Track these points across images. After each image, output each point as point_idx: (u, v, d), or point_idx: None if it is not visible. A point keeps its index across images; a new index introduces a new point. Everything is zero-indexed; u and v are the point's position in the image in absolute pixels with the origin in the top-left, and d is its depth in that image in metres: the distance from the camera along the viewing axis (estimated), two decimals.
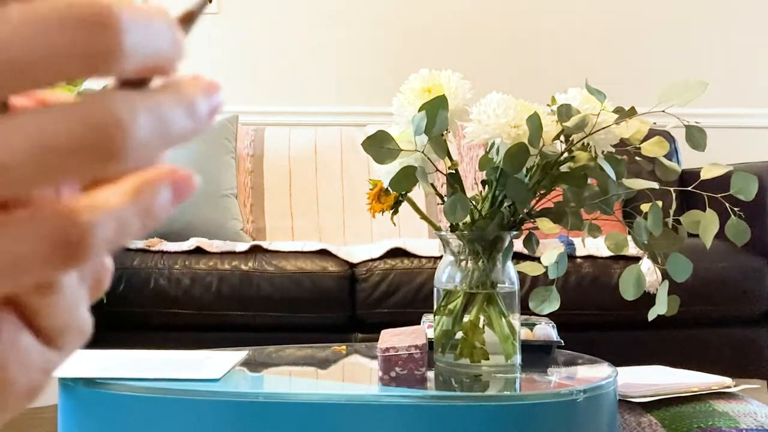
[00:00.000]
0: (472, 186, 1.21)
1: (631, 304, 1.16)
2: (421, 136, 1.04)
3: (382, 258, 2.06)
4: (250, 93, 2.91)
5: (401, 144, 1.06)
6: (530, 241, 1.16)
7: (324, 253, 2.08)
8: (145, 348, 1.29)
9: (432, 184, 1.10)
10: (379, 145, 1.05)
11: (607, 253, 2.01)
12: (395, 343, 1.09)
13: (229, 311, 1.98)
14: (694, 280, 1.11)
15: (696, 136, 1.07)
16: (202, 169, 2.22)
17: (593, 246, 2.04)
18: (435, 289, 1.17)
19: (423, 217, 1.23)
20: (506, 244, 1.12)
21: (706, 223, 1.06)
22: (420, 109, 1.03)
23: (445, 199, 1.13)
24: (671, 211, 1.06)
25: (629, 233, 1.11)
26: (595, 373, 1.16)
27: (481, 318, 1.11)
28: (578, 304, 1.97)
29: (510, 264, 1.15)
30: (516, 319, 1.13)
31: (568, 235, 2.04)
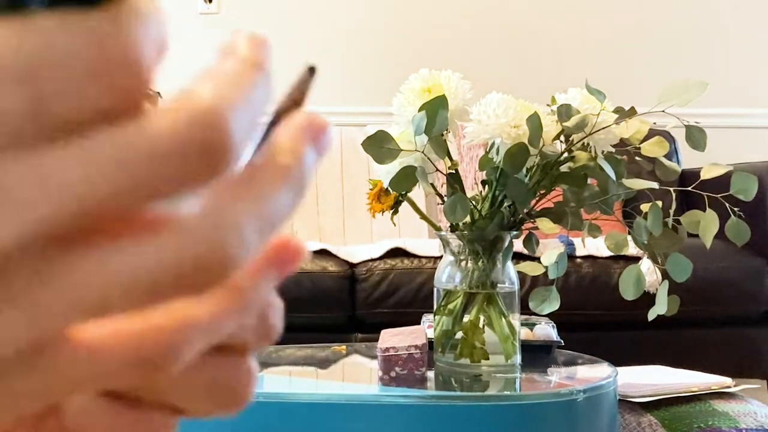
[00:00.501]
0: (472, 186, 1.21)
1: (631, 304, 1.16)
2: (421, 136, 1.04)
3: (382, 258, 2.06)
4: None
5: (401, 144, 1.06)
6: (530, 241, 1.16)
7: (324, 253, 2.08)
8: None
9: (432, 184, 1.10)
10: (379, 145, 1.05)
11: (607, 253, 2.01)
12: (395, 343, 1.09)
13: None
14: (694, 280, 1.11)
15: (696, 136, 1.07)
16: None
17: (593, 246, 2.04)
18: (435, 289, 1.17)
19: (423, 217, 1.23)
20: (506, 244, 1.12)
21: (706, 223, 1.06)
22: (420, 109, 1.03)
23: (445, 199, 1.13)
24: (671, 211, 1.06)
25: (629, 233, 1.11)
26: (595, 373, 1.16)
27: (481, 318, 1.11)
28: (578, 304, 1.97)
29: (510, 264, 1.15)
30: (516, 319, 1.13)
31: (568, 235, 2.04)
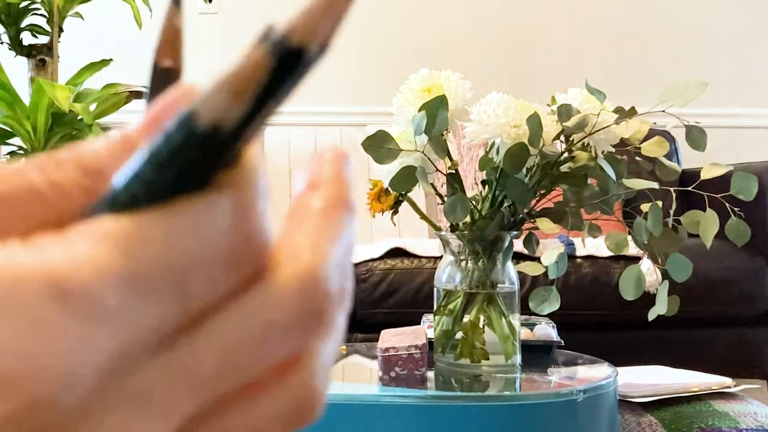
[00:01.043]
0: (472, 186, 1.21)
1: (631, 304, 1.16)
2: (421, 136, 1.04)
3: (382, 258, 2.06)
4: None
5: (401, 144, 1.06)
6: (530, 241, 1.16)
7: None
8: None
9: (432, 184, 1.10)
10: (379, 145, 1.05)
11: (607, 253, 2.01)
12: (395, 343, 1.09)
13: None
14: (694, 280, 1.11)
15: (696, 136, 1.07)
16: None
17: (593, 246, 2.04)
18: (435, 289, 1.17)
19: (423, 217, 1.23)
20: (506, 244, 1.12)
21: (706, 223, 1.06)
22: (420, 109, 1.03)
23: (445, 199, 1.13)
24: (671, 211, 1.06)
25: (629, 233, 1.11)
26: (595, 373, 1.16)
27: (481, 318, 1.11)
28: (578, 305, 1.97)
29: (510, 264, 1.15)
30: (516, 319, 1.13)
31: (568, 235, 2.04)
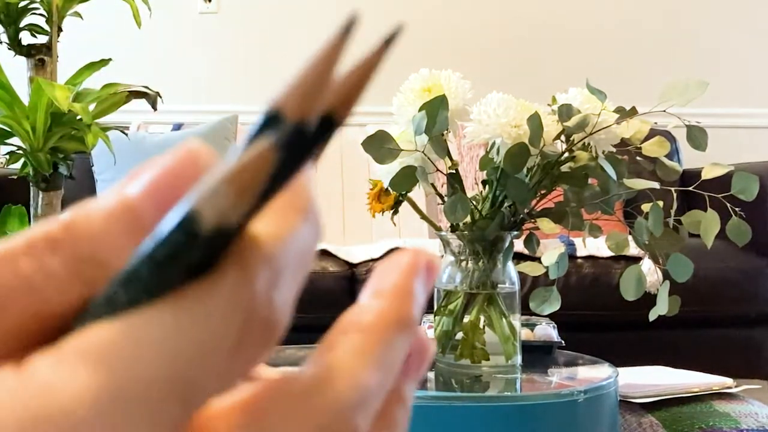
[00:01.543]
0: (473, 186, 1.21)
1: (631, 305, 1.16)
2: (421, 136, 1.03)
3: (382, 258, 2.05)
4: (249, 93, 2.90)
5: (401, 144, 1.05)
6: (531, 242, 1.16)
7: (324, 253, 2.07)
8: None
9: (432, 184, 1.10)
10: (379, 145, 1.05)
11: (608, 254, 2.01)
12: None
13: None
14: (695, 280, 1.10)
15: (697, 136, 1.07)
16: None
17: (594, 246, 2.04)
18: (435, 290, 1.16)
19: (423, 217, 1.23)
20: (507, 244, 1.12)
21: (707, 224, 1.06)
22: (420, 109, 1.03)
23: (445, 199, 1.13)
24: (672, 211, 1.06)
25: (630, 233, 1.11)
26: (595, 373, 1.16)
27: (482, 318, 1.11)
28: (579, 305, 1.97)
29: (510, 264, 1.14)
30: (516, 320, 1.13)
31: (568, 235, 2.04)
